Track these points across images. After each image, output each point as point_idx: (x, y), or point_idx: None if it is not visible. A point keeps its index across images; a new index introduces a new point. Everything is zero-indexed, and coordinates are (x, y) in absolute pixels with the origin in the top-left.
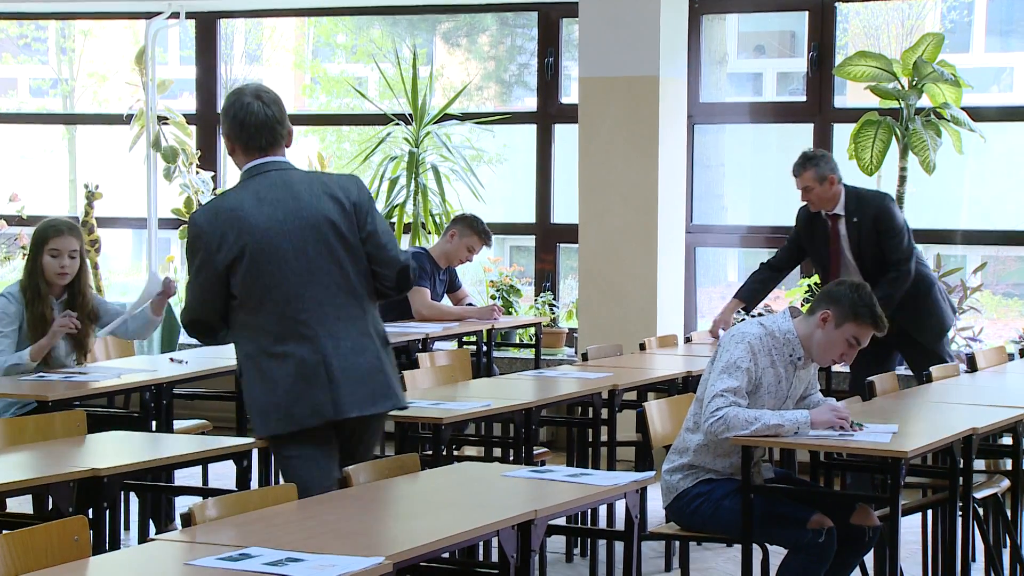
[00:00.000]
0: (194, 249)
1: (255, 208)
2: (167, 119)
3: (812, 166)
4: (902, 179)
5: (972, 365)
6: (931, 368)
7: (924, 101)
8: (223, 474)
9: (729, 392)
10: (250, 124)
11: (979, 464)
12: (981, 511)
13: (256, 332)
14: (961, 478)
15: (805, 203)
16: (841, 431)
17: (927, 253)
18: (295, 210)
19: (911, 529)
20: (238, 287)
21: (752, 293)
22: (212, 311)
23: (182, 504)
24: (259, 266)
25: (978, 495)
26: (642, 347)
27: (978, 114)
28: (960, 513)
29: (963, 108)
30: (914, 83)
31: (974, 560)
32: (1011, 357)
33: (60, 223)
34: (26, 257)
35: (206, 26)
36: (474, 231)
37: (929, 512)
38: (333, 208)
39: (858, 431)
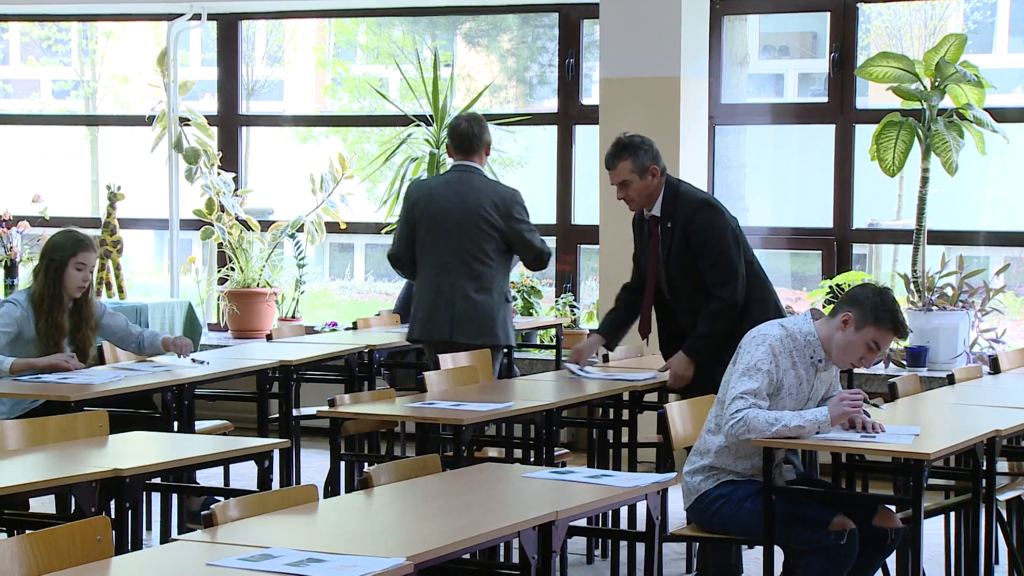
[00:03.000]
0: (403, 206)
1: (441, 189)
2: (189, 120)
3: (629, 155)
4: (924, 180)
5: (995, 367)
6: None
7: (947, 102)
8: (245, 475)
9: (749, 394)
10: (454, 135)
11: (1002, 466)
12: (1004, 513)
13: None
14: (984, 480)
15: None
16: (863, 432)
17: (949, 254)
18: (463, 197)
19: (934, 531)
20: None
21: (612, 326)
22: (405, 249)
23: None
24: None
25: (1001, 497)
26: None
27: (1001, 115)
28: (983, 515)
29: (986, 109)
30: (936, 84)
31: (997, 563)
32: None
33: (86, 238)
34: (44, 266)
35: (227, 27)
36: None
37: (952, 514)
38: (489, 204)
39: (880, 432)
